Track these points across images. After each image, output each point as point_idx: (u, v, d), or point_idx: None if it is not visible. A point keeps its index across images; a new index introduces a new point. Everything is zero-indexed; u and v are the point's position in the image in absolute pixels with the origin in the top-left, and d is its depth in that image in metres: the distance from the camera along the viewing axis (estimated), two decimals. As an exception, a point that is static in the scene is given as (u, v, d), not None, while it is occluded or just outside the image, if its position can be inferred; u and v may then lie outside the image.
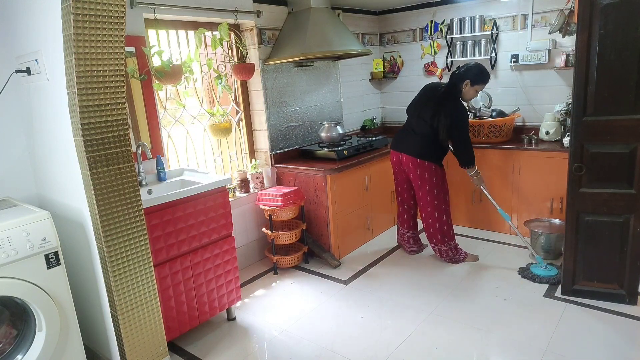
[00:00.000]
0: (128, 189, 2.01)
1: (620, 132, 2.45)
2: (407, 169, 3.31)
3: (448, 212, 3.31)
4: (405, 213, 3.55)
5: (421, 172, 3.23)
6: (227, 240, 2.67)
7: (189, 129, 3.29)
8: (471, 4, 4.09)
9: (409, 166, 3.27)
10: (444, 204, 3.28)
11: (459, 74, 3.11)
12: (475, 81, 3.09)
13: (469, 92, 3.13)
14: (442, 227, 3.30)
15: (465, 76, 3.09)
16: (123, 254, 2.03)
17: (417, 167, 3.23)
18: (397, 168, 3.44)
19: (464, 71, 3.11)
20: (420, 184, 3.26)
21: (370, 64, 4.79)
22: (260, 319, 2.80)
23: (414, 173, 3.27)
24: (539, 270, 3.07)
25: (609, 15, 2.34)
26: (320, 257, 3.54)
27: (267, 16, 3.52)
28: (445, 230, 3.31)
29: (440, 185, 3.26)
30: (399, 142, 3.36)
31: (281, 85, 3.73)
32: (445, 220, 3.30)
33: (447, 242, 3.33)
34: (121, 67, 1.89)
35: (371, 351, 2.40)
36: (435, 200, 3.25)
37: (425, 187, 3.25)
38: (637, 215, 2.50)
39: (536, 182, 3.60)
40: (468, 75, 3.08)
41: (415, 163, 3.22)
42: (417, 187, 3.30)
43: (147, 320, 2.17)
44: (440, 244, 3.34)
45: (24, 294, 1.88)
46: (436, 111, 3.10)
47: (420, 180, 3.25)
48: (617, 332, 2.42)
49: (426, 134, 3.19)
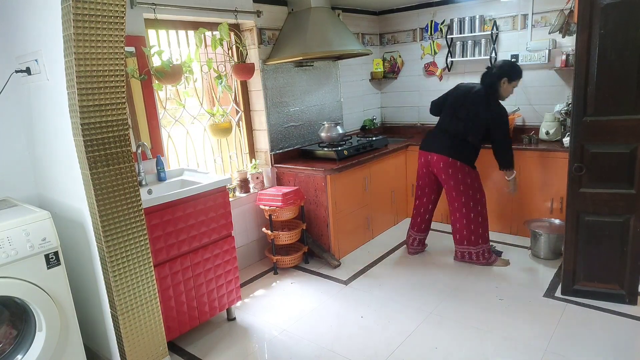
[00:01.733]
0: (128, 189, 2.01)
1: (621, 132, 2.45)
2: (438, 170, 3.20)
3: (484, 215, 3.22)
4: (420, 216, 3.49)
5: (453, 172, 3.13)
6: (227, 240, 2.67)
7: (189, 129, 3.29)
8: (471, 4, 4.09)
9: (440, 166, 3.17)
10: (480, 206, 3.19)
11: (495, 73, 3.05)
12: (512, 77, 3.04)
13: (507, 89, 3.07)
14: (477, 229, 3.21)
15: (501, 74, 3.03)
16: (123, 254, 2.03)
17: (449, 167, 3.13)
18: (424, 170, 3.35)
19: (498, 69, 3.05)
20: (454, 185, 3.16)
21: (370, 64, 4.79)
22: (260, 319, 2.80)
23: (445, 173, 3.17)
24: None
25: (609, 15, 2.34)
26: (320, 257, 3.54)
27: (267, 16, 3.52)
28: (480, 233, 3.21)
29: (475, 186, 3.17)
30: (429, 143, 3.28)
31: (281, 85, 3.73)
32: (481, 223, 3.20)
33: (481, 245, 3.24)
34: (121, 67, 1.89)
35: (371, 351, 2.40)
36: (470, 201, 3.16)
37: (458, 188, 3.15)
38: (637, 215, 2.50)
39: (536, 182, 3.60)
40: (504, 73, 3.03)
41: (447, 163, 3.13)
42: (450, 189, 3.20)
43: (147, 320, 2.17)
44: (473, 246, 3.24)
45: (24, 294, 1.88)
46: (476, 111, 3.05)
47: (453, 180, 3.16)
48: (617, 332, 2.42)
49: (460, 134, 3.11)
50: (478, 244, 3.25)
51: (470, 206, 3.18)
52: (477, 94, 3.11)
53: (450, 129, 3.18)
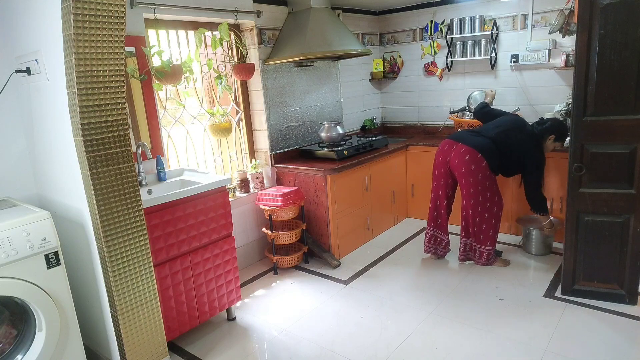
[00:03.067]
0: (128, 189, 2.01)
1: (620, 132, 2.45)
2: (459, 162, 3.11)
3: (498, 217, 3.18)
4: (440, 217, 3.38)
5: (475, 168, 3.06)
6: (227, 240, 2.67)
7: (189, 129, 3.29)
8: (471, 4, 4.09)
9: (464, 159, 3.08)
10: (496, 208, 3.15)
11: (547, 128, 3.09)
12: (559, 138, 3.12)
13: (549, 145, 3.13)
14: (487, 229, 3.17)
15: (551, 131, 3.09)
16: (123, 254, 2.03)
17: (473, 163, 3.05)
18: (442, 169, 3.27)
19: (551, 125, 3.11)
20: (473, 182, 3.09)
21: (370, 64, 4.79)
22: (260, 319, 2.80)
23: (466, 167, 3.08)
24: None
25: (609, 15, 2.34)
26: (320, 257, 3.54)
27: (267, 16, 3.52)
28: (490, 235, 3.19)
29: (494, 189, 3.13)
30: (462, 137, 3.23)
31: (281, 85, 3.73)
32: (493, 225, 3.17)
33: (489, 246, 3.22)
34: (121, 67, 1.89)
35: (371, 351, 2.40)
36: (487, 202, 3.12)
37: (477, 186, 3.09)
38: (637, 215, 2.50)
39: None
40: (555, 131, 3.09)
41: (474, 158, 3.06)
42: (468, 185, 3.12)
43: (147, 320, 2.17)
44: (483, 245, 3.22)
45: (24, 294, 1.88)
46: (524, 144, 3.07)
47: (472, 177, 3.08)
48: (617, 332, 2.42)
49: (500, 146, 3.09)
50: (486, 244, 3.22)
51: (486, 206, 3.14)
52: (530, 133, 3.12)
53: (492, 135, 3.14)
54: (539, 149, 3.10)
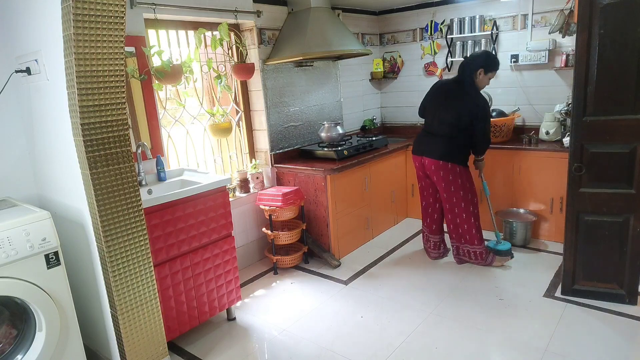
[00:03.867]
0: (128, 189, 2.01)
1: (620, 132, 2.45)
2: (431, 172, 3.20)
3: (477, 215, 3.20)
4: (429, 217, 3.44)
5: (445, 174, 3.12)
6: (227, 240, 2.67)
7: (189, 129, 3.29)
8: (471, 4, 4.09)
9: (432, 169, 3.16)
10: (472, 206, 3.17)
11: (470, 64, 3.03)
12: (488, 68, 3.01)
13: (483, 80, 3.04)
14: (470, 229, 3.20)
15: (477, 65, 3.00)
16: (123, 254, 2.03)
17: (441, 170, 3.12)
18: (420, 173, 3.34)
19: (473, 60, 3.03)
20: (445, 187, 3.15)
21: (370, 64, 4.79)
22: (260, 319, 2.80)
23: (437, 176, 3.16)
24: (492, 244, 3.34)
25: (609, 15, 2.34)
26: (320, 257, 3.54)
27: (267, 16, 3.52)
28: (474, 233, 3.21)
29: (467, 186, 3.15)
30: (420, 146, 3.27)
31: (281, 85, 3.73)
32: (474, 223, 3.19)
33: (477, 245, 3.23)
34: (121, 67, 1.89)
35: (371, 351, 2.40)
36: (462, 202, 3.15)
37: (450, 189, 3.14)
38: (636, 215, 2.50)
39: (536, 182, 3.60)
40: (480, 64, 3.00)
41: (438, 166, 3.12)
42: (442, 190, 3.19)
43: (147, 320, 2.17)
44: (470, 245, 3.24)
45: (24, 294, 1.88)
46: (457, 108, 3.03)
47: (444, 182, 3.14)
48: (617, 332, 2.42)
49: (447, 135, 3.10)
50: (474, 243, 3.24)
51: (462, 207, 3.18)
52: (454, 90, 3.08)
53: (436, 131, 3.17)
54: (474, 95, 3.03)
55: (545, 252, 3.46)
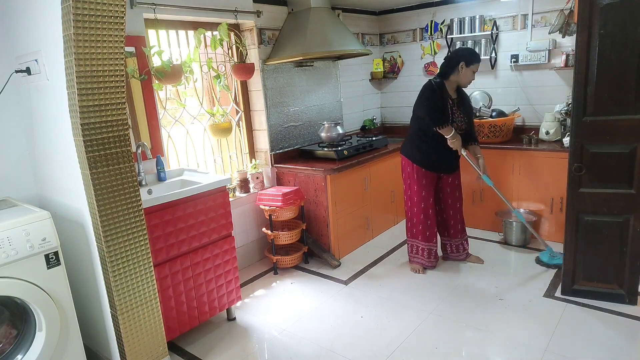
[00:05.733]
0: (128, 189, 2.01)
1: (620, 132, 2.45)
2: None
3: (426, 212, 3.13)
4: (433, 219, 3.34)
5: (402, 166, 3.22)
6: (227, 240, 2.67)
7: (189, 129, 3.29)
8: (471, 4, 4.09)
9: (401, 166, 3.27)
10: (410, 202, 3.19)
11: (450, 59, 2.98)
12: (469, 61, 2.92)
13: (467, 73, 2.94)
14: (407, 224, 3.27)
15: (458, 59, 2.93)
16: (123, 254, 2.03)
17: (401, 162, 3.23)
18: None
19: (453, 55, 2.99)
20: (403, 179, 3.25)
21: (370, 64, 4.79)
22: (260, 319, 2.80)
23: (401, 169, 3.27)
24: (546, 257, 3.26)
25: (609, 15, 2.34)
26: (320, 257, 3.54)
27: (267, 16, 3.52)
28: (409, 227, 3.25)
29: (408, 183, 3.17)
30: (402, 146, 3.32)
31: (281, 85, 3.73)
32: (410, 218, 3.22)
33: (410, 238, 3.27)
34: (121, 67, 1.89)
35: (371, 351, 2.40)
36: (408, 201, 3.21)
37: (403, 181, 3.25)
38: (636, 215, 2.50)
39: (536, 182, 3.60)
40: (460, 58, 2.93)
41: (400, 158, 3.24)
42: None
43: (147, 320, 2.17)
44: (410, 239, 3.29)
45: (24, 294, 1.88)
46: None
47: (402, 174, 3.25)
48: (617, 332, 2.42)
49: (411, 131, 3.19)
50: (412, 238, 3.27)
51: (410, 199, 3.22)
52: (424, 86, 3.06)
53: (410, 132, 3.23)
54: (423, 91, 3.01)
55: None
